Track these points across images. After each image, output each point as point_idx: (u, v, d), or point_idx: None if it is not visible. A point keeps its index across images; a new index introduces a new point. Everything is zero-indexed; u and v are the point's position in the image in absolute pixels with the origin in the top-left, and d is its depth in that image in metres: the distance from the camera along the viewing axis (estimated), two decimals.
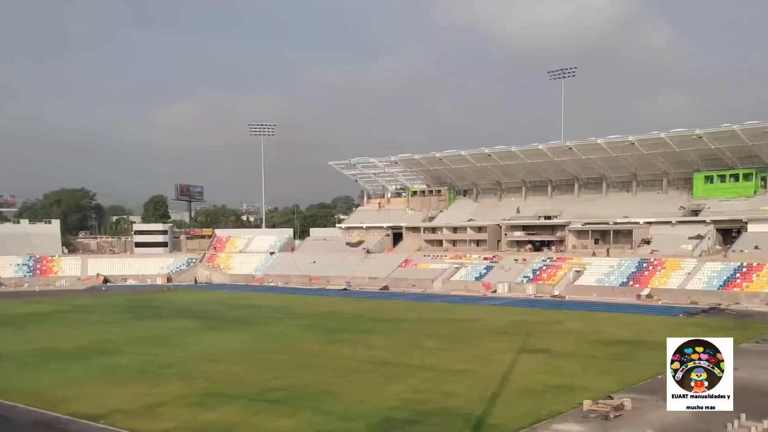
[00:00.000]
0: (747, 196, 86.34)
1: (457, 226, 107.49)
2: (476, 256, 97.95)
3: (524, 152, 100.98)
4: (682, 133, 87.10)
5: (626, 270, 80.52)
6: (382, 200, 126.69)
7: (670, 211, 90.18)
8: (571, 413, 28.58)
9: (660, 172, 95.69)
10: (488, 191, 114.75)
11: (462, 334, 52.03)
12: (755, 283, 70.17)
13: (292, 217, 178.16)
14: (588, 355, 42.52)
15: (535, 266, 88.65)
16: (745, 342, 45.34)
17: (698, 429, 26.24)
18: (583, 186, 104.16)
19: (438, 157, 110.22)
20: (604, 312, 64.36)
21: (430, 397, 31.75)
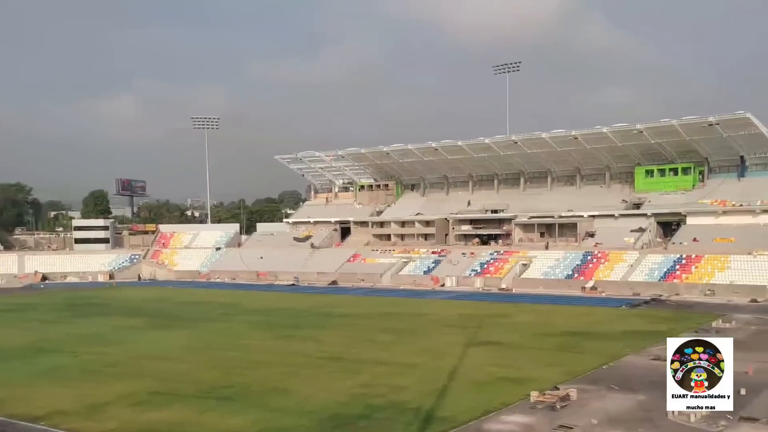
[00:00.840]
0: (686, 190, 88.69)
1: (405, 220, 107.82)
2: (424, 250, 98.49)
3: (471, 146, 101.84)
4: (624, 128, 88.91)
5: (571, 263, 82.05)
6: (330, 195, 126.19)
7: (613, 204, 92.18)
8: (519, 404, 28.97)
9: (603, 166, 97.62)
10: (436, 185, 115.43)
11: (412, 328, 52.23)
12: (694, 275, 72.25)
13: (238, 212, 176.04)
14: (535, 347, 43.17)
15: (483, 260, 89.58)
16: (684, 332, 46.56)
17: (641, 417, 26.85)
18: (528, 180, 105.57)
19: (385, 151, 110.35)
20: (550, 304, 65.46)
21: (380, 391, 31.81)
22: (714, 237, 77.29)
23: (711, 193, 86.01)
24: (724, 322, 50.39)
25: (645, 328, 48.98)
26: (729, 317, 52.36)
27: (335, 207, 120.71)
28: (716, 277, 70.57)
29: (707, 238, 77.40)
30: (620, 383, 32.20)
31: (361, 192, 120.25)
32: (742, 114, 79.13)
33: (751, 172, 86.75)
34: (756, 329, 47.60)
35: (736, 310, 57.71)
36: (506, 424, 26.44)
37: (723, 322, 50.14)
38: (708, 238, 77.46)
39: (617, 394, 30.44)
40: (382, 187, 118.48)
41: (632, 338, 44.59)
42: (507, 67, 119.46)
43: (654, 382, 32.28)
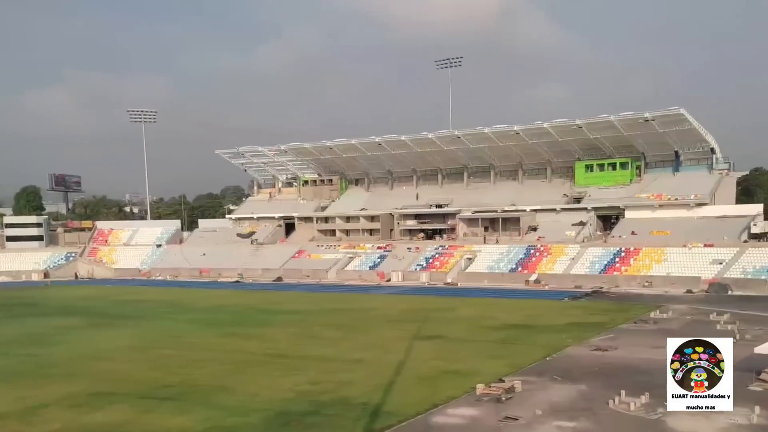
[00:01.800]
0: (624, 184, 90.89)
1: (349, 215, 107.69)
2: (370, 245, 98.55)
3: (414, 141, 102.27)
4: (564, 124, 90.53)
5: (515, 256, 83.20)
6: (273, 190, 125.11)
7: (554, 198, 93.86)
8: (465, 397, 29.19)
9: (544, 160, 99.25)
10: (380, 180, 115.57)
11: (358, 324, 52.15)
12: (633, 267, 74.12)
13: (179, 208, 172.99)
14: (480, 340, 43.56)
15: (428, 254, 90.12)
16: (624, 323, 47.97)
17: (583, 407, 27.41)
18: (472, 175, 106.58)
19: (328, 146, 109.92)
20: (495, 298, 66.18)
21: (326, 387, 31.66)
22: (651, 230, 79.46)
23: (648, 187, 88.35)
24: (661, 312, 51.87)
25: (586, 320, 50.01)
26: (666, 308, 53.94)
27: (279, 202, 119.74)
28: (654, 269, 72.48)
29: (645, 232, 79.52)
30: (563, 374, 32.75)
31: (305, 187, 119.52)
32: (676, 110, 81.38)
33: (686, 167, 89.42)
34: (691, 319, 49.04)
35: (672, 300, 59.36)
36: (452, 417, 26.60)
37: (661, 313, 51.61)
38: (645, 231, 79.57)
39: (560, 385, 30.94)
40: (327, 183, 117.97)
41: (574, 330, 45.43)
42: (449, 62, 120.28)
43: (595, 373, 33.07)
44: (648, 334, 43.46)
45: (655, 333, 43.84)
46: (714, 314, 49.36)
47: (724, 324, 45.39)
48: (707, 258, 70.84)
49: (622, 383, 29.68)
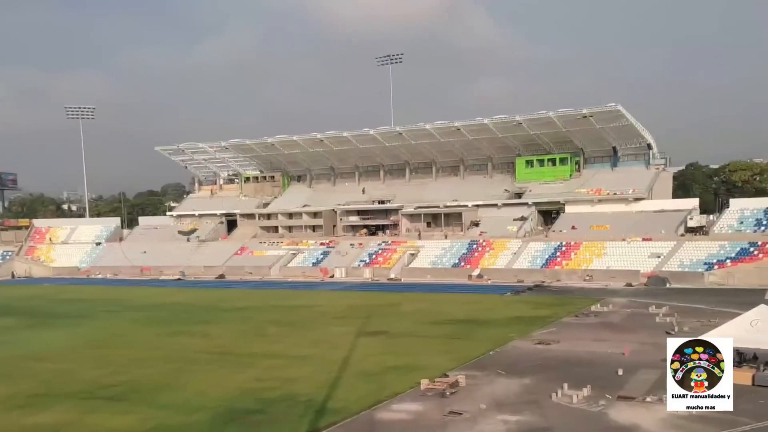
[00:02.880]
0: (563, 180, 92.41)
1: (292, 212, 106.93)
2: (313, 241, 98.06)
3: (356, 138, 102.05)
4: (504, 120, 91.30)
5: (458, 252, 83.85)
6: (215, 187, 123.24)
7: (495, 194, 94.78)
8: (410, 393, 29.26)
9: (485, 156, 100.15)
10: (322, 176, 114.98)
11: (302, 320, 51.85)
12: (573, 261, 75.51)
13: (118, 205, 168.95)
14: (424, 336, 43.74)
15: (371, 250, 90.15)
16: (566, 316, 48.78)
17: (527, 401, 27.75)
18: (414, 171, 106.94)
19: (270, 142, 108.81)
20: (438, 293, 66.53)
21: (272, 384, 31.39)
22: (591, 225, 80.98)
23: (587, 182, 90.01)
24: (602, 306, 52.94)
25: (529, 314, 50.69)
26: (606, 301, 55.08)
27: (221, 199, 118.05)
28: (594, 263, 73.97)
29: (585, 226, 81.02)
30: (507, 368, 33.09)
31: (247, 184, 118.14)
32: (614, 106, 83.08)
33: (623, 163, 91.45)
34: (631, 312, 50.24)
35: (612, 294, 60.62)
36: (397, 413, 26.63)
37: (601, 306, 52.67)
38: (585, 225, 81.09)
39: (504, 379, 31.26)
40: (269, 179, 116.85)
41: (517, 324, 46.01)
42: (389, 58, 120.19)
43: (539, 366, 33.54)
44: (589, 328, 44.34)
45: (596, 326, 44.81)
46: (653, 307, 50.63)
47: (663, 316, 46.64)
48: (646, 252, 72.63)
49: (564, 376, 30.18)
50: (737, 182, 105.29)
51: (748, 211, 75.16)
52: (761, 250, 67.05)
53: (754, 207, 76.05)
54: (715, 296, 55.48)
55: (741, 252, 67.86)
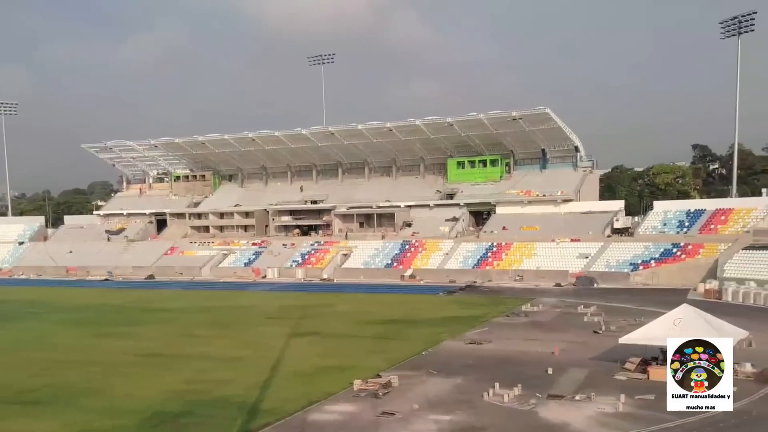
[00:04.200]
0: (494, 181, 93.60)
1: (223, 211, 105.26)
2: (245, 241, 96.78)
3: (288, 137, 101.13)
4: (435, 121, 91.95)
5: (390, 252, 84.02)
6: (144, 186, 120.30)
7: (428, 194, 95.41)
8: (343, 393, 29.11)
9: (417, 157, 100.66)
10: (254, 176, 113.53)
11: (234, 321, 51.06)
12: (504, 261, 76.57)
13: (43, 204, 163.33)
14: (357, 336, 43.66)
15: (304, 250, 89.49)
16: (497, 316, 49.39)
17: (459, 400, 27.91)
18: (347, 171, 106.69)
19: (200, 140, 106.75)
20: (371, 293, 66.52)
21: (202, 387, 30.74)
22: (521, 225, 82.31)
23: (517, 183, 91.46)
24: (532, 305, 53.84)
25: (461, 314, 51.11)
26: (537, 301, 56.03)
27: (150, 198, 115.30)
28: (524, 263, 75.16)
29: (515, 227, 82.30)
30: (439, 368, 33.23)
31: (177, 183, 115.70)
32: (542, 109, 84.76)
33: (552, 165, 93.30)
34: (560, 311, 51.26)
35: (542, 294, 61.72)
36: (330, 414, 26.43)
37: (532, 306, 53.55)
38: (516, 226, 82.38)
39: (437, 379, 31.39)
40: (199, 178, 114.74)
41: (450, 324, 46.32)
42: (321, 58, 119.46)
43: (471, 366, 33.80)
44: (520, 327, 45.01)
45: (527, 326, 45.52)
46: (581, 306, 51.84)
47: (591, 316, 47.73)
48: (574, 252, 74.26)
49: (496, 376, 30.48)
50: (660, 185, 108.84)
51: (671, 213, 77.66)
52: (683, 250, 69.40)
53: (677, 209, 78.64)
54: (641, 296, 57.13)
55: (664, 253, 70.07)
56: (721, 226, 72.35)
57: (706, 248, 68.01)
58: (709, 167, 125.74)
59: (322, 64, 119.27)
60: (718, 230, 71.75)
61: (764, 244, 63.15)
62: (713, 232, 71.68)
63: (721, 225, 72.47)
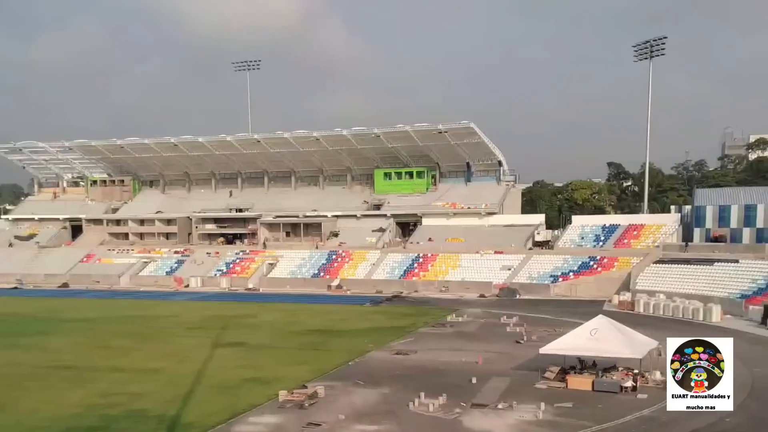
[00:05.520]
0: (420, 193, 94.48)
1: (144, 218, 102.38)
2: (166, 249, 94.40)
3: (212, 143, 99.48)
4: (363, 132, 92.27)
5: (317, 262, 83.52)
6: (58, 189, 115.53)
7: (355, 205, 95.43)
8: (268, 405, 28.84)
9: (345, 167, 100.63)
10: (177, 182, 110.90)
11: (153, 332, 49.71)
12: (430, 272, 77.18)
13: None
14: (283, 347, 43.21)
15: (229, 259, 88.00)
16: (423, 327, 49.78)
17: (385, 410, 28.01)
18: (273, 179, 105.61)
19: (120, 144, 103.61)
20: (297, 303, 65.94)
21: (118, 400, 29.79)
22: (447, 237, 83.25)
23: (443, 196, 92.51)
24: (457, 316, 54.44)
25: (387, 324, 51.30)
26: (462, 312, 56.65)
27: (64, 203, 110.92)
28: (450, 274, 75.93)
29: (441, 238, 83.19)
30: (365, 378, 33.25)
31: (94, 187, 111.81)
32: (467, 124, 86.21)
33: (476, 178, 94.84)
34: (484, 322, 52.04)
35: (467, 304, 62.39)
36: (255, 426, 26.12)
37: (457, 317, 54.15)
38: (441, 238, 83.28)
39: (363, 389, 31.38)
40: (118, 183, 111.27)
41: (376, 334, 46.37)
42: (247, 64, 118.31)
43: (396, 376, 33.91)
44: (446, 337, 45.47)
45: (452, 336, 46.01)
46: (504, 317, 52.71)
47: (513, 326, 48.64)
48: (498, 264, 75.51)
49: (421, 385, 30.68)
50: (578, 200, 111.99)
51: (588, 228, 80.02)
52: (599, 263, 71.59)
53: (593, 224, 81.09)
54: (560, 307, 58.54)
55: (582, 265, 72.12)
56: (634, 240, 75.02)
57: (620, 262, 70.35)
58: (623, 184, 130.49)
59: (247, 70, 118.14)
60: (631, 244, 74.34)
61: (672, 259, 66.07)
62: (627, 246, 74.24)
63: (634, 239, 75.15)
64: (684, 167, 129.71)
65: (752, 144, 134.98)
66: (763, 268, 57.79)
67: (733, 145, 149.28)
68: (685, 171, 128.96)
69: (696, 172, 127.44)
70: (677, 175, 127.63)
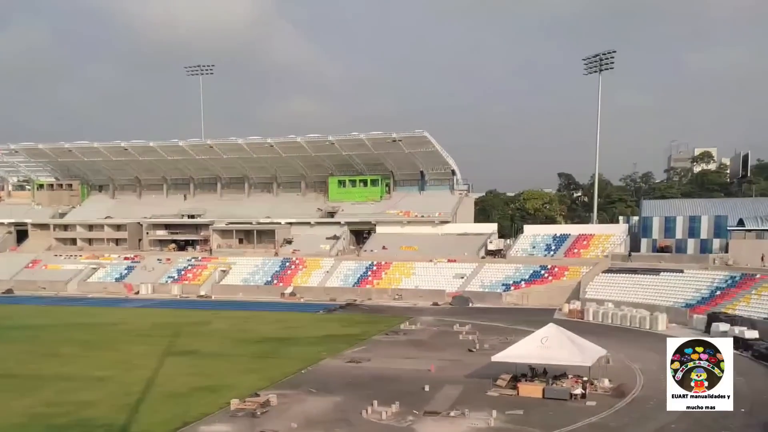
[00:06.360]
0: (375, 201, 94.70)
1: (93, 223, 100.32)
2: (116, 255, 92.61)
3: (164, 148, 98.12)
4: (317, 139, 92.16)
5: (270, 269, 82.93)
6: (2, 193, 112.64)
7: (309, 212, 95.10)
8: (219, 414, 28.58)
9: (299, 174, 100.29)
10: (127, 187, 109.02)
11: (102, 340, 48.76)
12: (384, 280, 77.35)
13: None
14: (235, 355, 42.82)
15: (180, 266, 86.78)
16: (376, 334, 49.86)
17: (338, 418, 28.02)
18: (226, 185, 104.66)
19: (67, 148, 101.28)
20: (250, 311, 65.31)
21: (65, 409, 29.21)
22: (401, 245, 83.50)
23: (397, 204, 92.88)
24: (411, 324, 54.69)
25: (341, 332, 51.25)
26: (415, 320, 56.94)
27: (9, 207, 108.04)
28: (403, 282, 76.23)
29: (395, 246, 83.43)
30: (319, 386, 33.17)
31: (40, 191, 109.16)
32: (421, 133, 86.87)
33: (430, 187, 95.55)
34: (437, 330, 52.34)
35: (420, 312, 62.72)
36: None
37: (410, 324, 54.41)
38: (395, 246, 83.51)
39: (316, 397, 31.31)
40: (65, 187, 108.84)
41: (329, 342, 46.31)
42: (200, 69, 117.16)
43: (350, 384, 33.91)
44: (399, 345, 45.63)
45: (405, 344, 46.18)
46: (457, 325, 53.12)
47: (466, 334, 49.04)
48: (451, 272, 76.02)
49: (374, 393, 30.73)
50: (530, 210, 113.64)
51: (539, 237, 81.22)
52: (550, 272, 72.71)
53: (545, 233, 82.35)
54: (512, 315, 59.21)
55: (533, 274, 73.15)
56: (584, 250, 76.45)
57: (571, 271, 71.58)
58: (573, 195, 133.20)
59: (200, 75, 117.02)
60: (581, 254, 75.73)
61: (620, 268, 67.61)
62: (577, 255, 75.60)
63: (584, 249, 76.58)
64: (632, 179, 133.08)
65: (696, 157, 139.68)
66: (707, 279, 59.59)
67: (679, 158, 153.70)
68: (632, 182, 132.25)
69: (643, 184, 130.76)
70: (625, 186, 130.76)
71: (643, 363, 37.63)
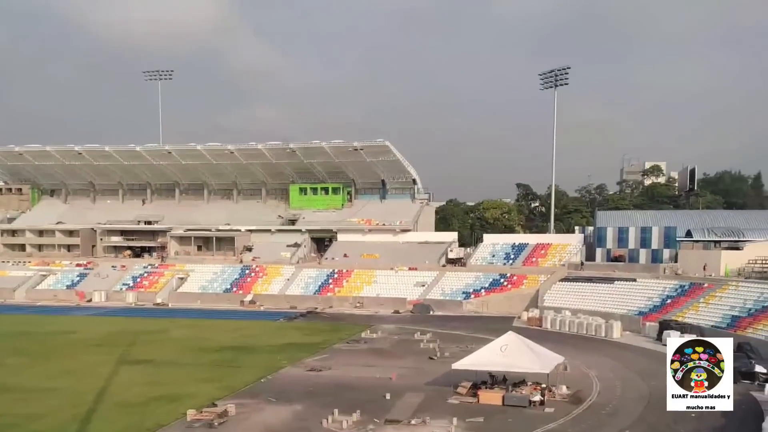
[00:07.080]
0: (336, 209, 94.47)
1: (43, 229, 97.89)
2: (67, 262, 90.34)
3: (120, 153, 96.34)
4: (278, 146, 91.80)
5: (230, 276, 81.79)
6: None
7: (269, 219, 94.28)
8: (175, 424, 28.01)
9: (259, 181, 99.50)
10: (80, 192, 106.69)
11: (51, 349, 47.39)
12: (345, 288, 76.87)
13: None
14: (192, 363, 41.99)
15: (136, 273, 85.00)
16: (337, 343, 49.40)
17: (298, 428, 27.66)
18: (184, 192, 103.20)
19: (18, 151, 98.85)
20: (208, 319, 64.21)
21: (10, 421, 28.35)
22: (362, 253, 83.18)
23: (358, 212, 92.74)
24: (372, 332, 54.41)
25: (301, 340, 50.67)
26: (376, 328, 56.71)
27: None
28: (365, 290, 75.85)
29: (356, 254, 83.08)
30: (278, 395, 32.71)
31: None
32: (382, 142, 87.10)
33: (391, 195, 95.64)
34: (398, 338, 52.07)
35: (382, 320, 62.46)
36: None
37: (371, 333, 54.12)
38: (357, 254, 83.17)
39: (275, 406, 30.87)
40: (15, 191, 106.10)
41: (289, 350, 45.74)
42: (159, 74, 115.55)
43: (310, 392, 33.48)
44: (360, 354, 45.28)
45: (366, 352, 45.85)
46: (418, 333, 53.02)
47: (426, 342, 48.89)
48: (412, 280, 75.96)
49: (335, 402, 30.40)
50: (489, 219, 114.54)
51: (498, 246, 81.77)
52: (509, 281, 73.11)
53: (504, 242, 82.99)
54: (472, 323, 59.35)
55: (493, 283, 73.47)
56: (542, 259, 77.17)
57: (529, 279, 72.10)
58: (531, 205, 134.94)
59: (159, 80, 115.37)
60: (539, 263, 76.42)
61: (577, 277, 68.32)
62: (535, 264, 76.27)
63: (542, 258, 77.30)
64: (587, 190, 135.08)
65: (647, 170, 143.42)
66: (658, 287, 60.75)
67: (631, 171, 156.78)
68: (588, 194, 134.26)
69: (598, 195, 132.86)
70: (581, 197, 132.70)
71: (599, 370, 38.14)
